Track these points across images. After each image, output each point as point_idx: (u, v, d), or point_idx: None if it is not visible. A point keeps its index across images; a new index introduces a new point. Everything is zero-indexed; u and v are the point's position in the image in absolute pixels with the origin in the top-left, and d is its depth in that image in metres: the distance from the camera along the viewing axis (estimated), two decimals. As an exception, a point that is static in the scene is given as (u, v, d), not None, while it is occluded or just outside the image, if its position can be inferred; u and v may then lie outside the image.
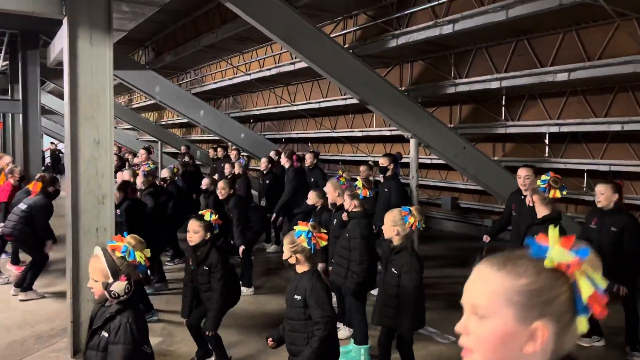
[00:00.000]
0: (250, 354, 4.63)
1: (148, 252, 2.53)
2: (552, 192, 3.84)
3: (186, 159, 10.74)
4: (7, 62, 12.13)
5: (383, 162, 6.54)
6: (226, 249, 4.84)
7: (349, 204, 4.60)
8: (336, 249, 4.57)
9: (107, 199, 4.49)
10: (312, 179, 8.07)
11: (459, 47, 7.87)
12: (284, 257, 3.06)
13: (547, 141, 8.19)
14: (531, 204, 3.97)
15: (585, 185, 7.93)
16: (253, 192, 9.32)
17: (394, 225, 3.59)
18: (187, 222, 4.22)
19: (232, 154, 10.12)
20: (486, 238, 5.34)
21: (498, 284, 0.96)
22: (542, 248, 0.96)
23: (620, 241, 4.35)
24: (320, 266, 4.42)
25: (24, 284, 6.05)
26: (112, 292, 2.33)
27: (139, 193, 6.56)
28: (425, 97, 8.71)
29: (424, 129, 6.85)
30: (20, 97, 9.80)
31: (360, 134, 10.98)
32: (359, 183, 4.81)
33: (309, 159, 8.32)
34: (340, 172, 5.78)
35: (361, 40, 8.22)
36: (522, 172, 5.08)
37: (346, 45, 8.16)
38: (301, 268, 3.05)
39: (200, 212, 4.36)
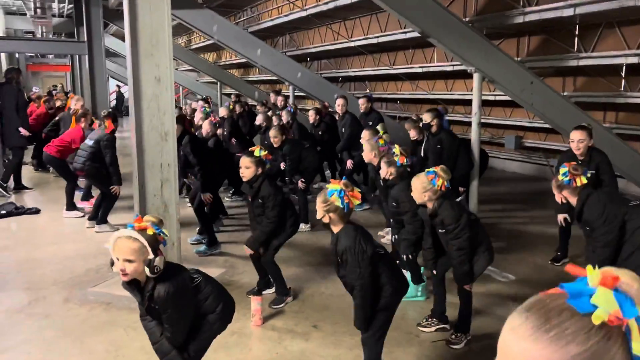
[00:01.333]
0: (308, 287, 4.77)
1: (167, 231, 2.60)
2: (577, 180, 3.59)
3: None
4: (72, 6, 12.46)
5: (426, 118, 6.31)
6: (278, 185, 4.92)
7: (386, 172, 4.51)
8: (388, 211, 4.57)
9: (170, 135, 4.60)
10: (370, 123, 7.92)
11: (529, -29, 7.30)
12: (318, 216, 2.98)
13: (623, 74, 7.61)
14: (564, 201, 3.74)
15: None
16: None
17: (424, 191, 3.51)
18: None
19: (279, 100, 9.94)
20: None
21: (542, 356, 0.74)
22: (583, 295, 0.76)
23: None
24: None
25: (97, 216, 6.44)
26: (156, 267, 2.40)
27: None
28: (491, 28, 8.22)
29: (489, 62, 6.50)
30: (86, 39, 10.07)
31: (420, 70, 10.61)
32: (397, 150, 4.65)
33: (362, 103, 8.14)
34: (381, 131, 5.61)
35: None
36: (575, 135, 4.73)
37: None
38: (336, 227, 2.97)
39: (250, 149, 4.42)
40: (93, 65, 10.03)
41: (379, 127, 7.06)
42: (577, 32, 7.77)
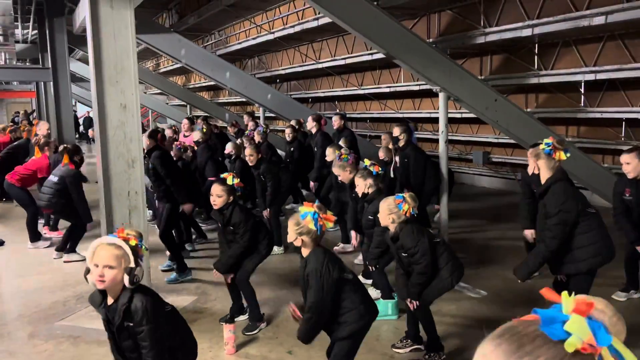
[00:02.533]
0: (282, 311, 4.72)
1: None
2: (558, 154, 3.56)
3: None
4: (36, 32, 12.28)
5: (395, 131, 6.44)
6: (249, 209, 4.94)
7: (364, 186, 4.58)
8: (364, 223, 4.61)
9: (137, 162, 4.54)
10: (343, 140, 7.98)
11: (489, -7, 7.54)
12: (289, 239, 2.95)
13: (582, 90, 7.88)
14: (535, 172, 3.68)
15: (623, 134, 7.65)
16: (280, 152, 9.32)
17: (389, 213, 3.56)
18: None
19: (250, 124, 10.00)
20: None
21: None
22: (556, 321, 0.73)
23: None
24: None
25: (66, 247, 6.28)
26: (136, 277, 2.37)
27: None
28: (454, 48, 8.44)
29: (453, 82, 6.65)
30: (50, 65, 9.91)
31: (387, 90, 10.78)
32: (367, 162, 4.78)
33: (336, 121, 8.22)
34: (338, 151, 5.81)
35: (386, -9, 7.95)
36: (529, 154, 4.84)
37: (371, -2, 7.90)
38: (306, 250, 2.95)
39: (222, 176, 4.42)
40: (58, 91, 9.88)
41: (341, 142, 7.14)
42: (536, 51, 8.03)
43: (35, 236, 6.95)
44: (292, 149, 8.38)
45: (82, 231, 6.30)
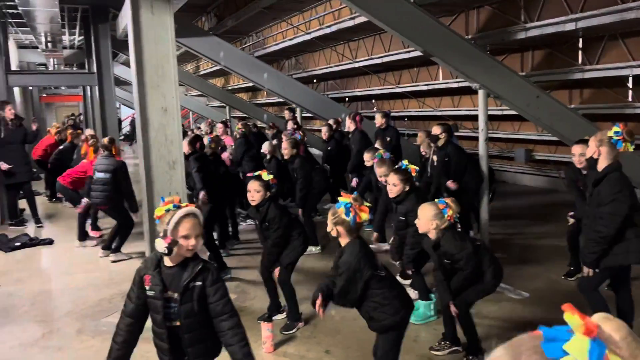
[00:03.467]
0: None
1: None
2: (625, 145, 3.51)
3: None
4: (82, 37, 12.74)
5: (436, 130, 6.34)
6: (285, 206, 4.96)
7: (398, 189, 4.49)
8: (395, 224, 4.57)
9: (178, 164, 4.65)
10: (388, 139, 7.94)
11: (530, -13, 7.35)
12: (327, 229, 3.02)
13: (630, 85, 7.58)
14: (596, 156, 3.62)
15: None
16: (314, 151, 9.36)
17: (433, 219, 3.49)
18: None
19: (290, 123, 9.96)
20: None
21: None
22: (558, 340, 0.72)
23: None
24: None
25: (112, 246, 6.50)
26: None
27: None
28: (494, 44, 8.27)
29: (493, 78, 6.51)
30: (95, 70, 10.26)
31: (425, 88, 10.66)
32: (406, 161, 4.70)
33: (379, 119, 8.18)
34: (381, 151, 5.81)
35: (423, -12, 7.86)
36: (576, 150, 4.71)
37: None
38: (343, 240, 2.99)
39: (257, 173, 4.47)
40: (103, 95, 10.21)
41: (377, 144, 7.10)
42: (580, 45, 7.78)
43: (83, 235, 7.22)
44: (329, 147, 8.41)
45: (129, 230, 6.50)
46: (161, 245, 2.37)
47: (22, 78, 11.02)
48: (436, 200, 3.58)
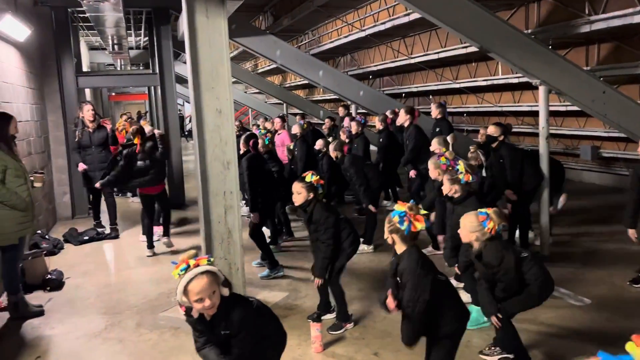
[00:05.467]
0: (369, 312, 4.74)
1: None
2: None
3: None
4: (147, 38, 13.25)
5: (493, 131, 6.12)
6: (333, 206, 4.93)
7: (449, 189, 4.41)
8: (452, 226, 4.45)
9: (232, 164, 4.76)
10: (438, 129, 7.86)
11: (596, -22, 6.96)
12: (385, 236, 3.01)
13: None
14: None
15: None
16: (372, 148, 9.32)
17: (472, 231, 3.38)
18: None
19: (346, 119, 10.08)
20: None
21: None
22: None
23: None
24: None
25: (168, 231, 7.01)
26: (228, 282, 2.52)
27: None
28: (556, 38, 7.90)
29: (554, 74, 6.23)
30: (157, 70, 10.63)
31: (484, 83, 10.35)
32: (461, 167, 4.52)
33: (434, 110, 8.08)
34: (443, 149, 5.45)
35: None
36: None
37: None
38: (399, 248, 2.97)
39: (302, 175, 4.49)
40: (165, 94, 10.57)
41: (449, 139, 6.94)
42: (652, 37, 7.32)
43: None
44: (380, 139, 8.38)
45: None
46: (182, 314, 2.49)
47: (91, 79, 11.56)
48: (477, 211, 3.46)
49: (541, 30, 7.88)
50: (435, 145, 6.27)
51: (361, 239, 6.55)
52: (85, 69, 15.56)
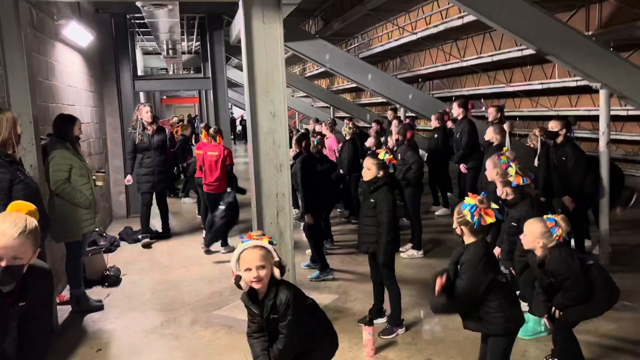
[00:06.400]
0: (421, 317, 4.68)
1: None
2: None
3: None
4: (199, 43, 13.60)
5: (554, 126, 5.89)
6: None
7: (501, 191, 4.30)
8: (506, 230, 4.33)
9: (284, 167, 4.82)
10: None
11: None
12: (453, 225, 3.03)
13: None
14: None
15: None
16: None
17: (540, 237, 3.28)
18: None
19: (394, 122, 9.96)
20: None
21: None
22: None
23: None
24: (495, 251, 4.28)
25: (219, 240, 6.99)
26: (284, 266, 2.61)
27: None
28: (619, 40, 7.60)
29: (617, 77, 6.00)
30: (210, 75, 10.89)
31: (539, 87, 10.07)
32: (512, 170, 4.38)
33: (491, 113, 7.86)
34: (504, 149, 5.25)
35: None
36: None
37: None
38: (467, 240, 2.98)
39: (376, 151, 4.50)
40: (217, 98, 10.82)
41: (505, 127, 6.78)
42: None
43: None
44: (435, 135, 8.33)
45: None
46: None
47: (147, 83, 11.99)
48: (545, 216, 3.37)
49: (603, 32, 7.61)
50: (490, 134, 6.11)
51: (410, 244, 6.60)
52: (140, 73, 16.11)
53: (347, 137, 8.37)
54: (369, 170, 4.35)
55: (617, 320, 4.38)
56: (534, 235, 3.32)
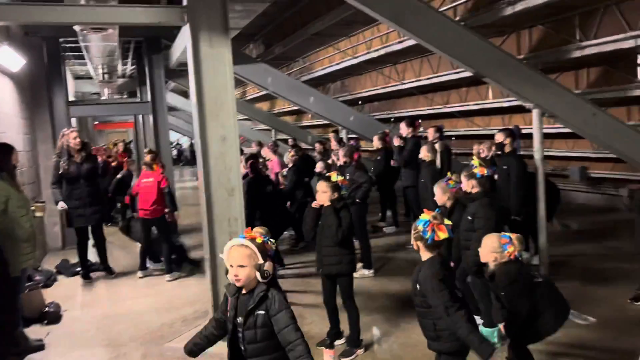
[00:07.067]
0: (377, 337, 4.70)
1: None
2: None
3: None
4: (134, 67, 13.29)
5: (499, 137, 6.20)
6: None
7: (467, 185, 4.46)
8: (461, 233, 4.44)
9: (236, 191, 4.76)
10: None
11: (585, 6, 7.19)
12: (411, 241, 3.08)
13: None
14: None
15: None
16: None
17: (493, 252, 3.45)
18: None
19: (333, 144, 9.95)
20: None
21: None
22: None
23: None
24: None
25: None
26: (266, 272, 2.53)
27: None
28: (547, 63, 8.12)
29: (547, 97, 6.37)
30: (149, 99, 10.64)
31: (475, 107, 10.55)
32: (475, 162, 4.60)
33: (431, 133, 8.12)
34: (449, 174, 5.46)
35: (473, 10, 7.83)
36: None
37: (457, 18, 7.82)
38: (423, 255, 3.04)
39: (327, 174, 4.55)
40: (157, 123, 10.56)
41: (437, 146, 7.05)
42: (639, 62, 7.56)
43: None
44: (378, 157, 8.50)
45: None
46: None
47: (82, 109, 11.59)
48: (502, 233, 3.50)
49: (533, 55, 8.10)
50: (424, 153, 6.32)
51: (360, 264, 6.64)
52: (71, 98, 15.50)
53: (290, 165, 8.32)
54: (324, 193, 4.36)
55: (563, 328, 4.47)
56: (489, 249, 3.45)
